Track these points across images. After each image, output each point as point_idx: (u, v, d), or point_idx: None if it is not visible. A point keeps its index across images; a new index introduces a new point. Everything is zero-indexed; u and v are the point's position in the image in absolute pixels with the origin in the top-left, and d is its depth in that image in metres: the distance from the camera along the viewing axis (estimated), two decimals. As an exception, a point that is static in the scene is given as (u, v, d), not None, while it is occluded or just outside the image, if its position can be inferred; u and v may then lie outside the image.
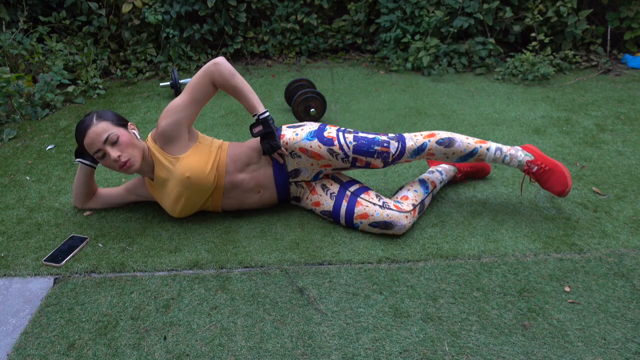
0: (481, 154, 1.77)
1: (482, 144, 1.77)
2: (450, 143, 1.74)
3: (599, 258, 1.61)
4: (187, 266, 1.63)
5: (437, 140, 1.75)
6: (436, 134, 1.77)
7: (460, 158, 1.77)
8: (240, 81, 1.72)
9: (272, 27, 4.04)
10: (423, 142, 1.75)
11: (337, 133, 1.76)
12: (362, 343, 1.32)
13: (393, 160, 1.76)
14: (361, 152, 1.73)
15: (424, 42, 3.64)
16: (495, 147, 1.77)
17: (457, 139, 1.75)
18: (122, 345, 1.33)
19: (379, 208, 1.71)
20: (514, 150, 1.78)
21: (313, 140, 1.74)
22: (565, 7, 3.49)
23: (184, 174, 1.69)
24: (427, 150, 1.75)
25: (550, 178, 1.71)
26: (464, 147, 1.75)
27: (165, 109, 1.72)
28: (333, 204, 1.78)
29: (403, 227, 1.71)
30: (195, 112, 1.74)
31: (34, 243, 1.78)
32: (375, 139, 1.74)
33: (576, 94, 3.12)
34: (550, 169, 1.72)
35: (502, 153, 1.77)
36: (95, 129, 1.64)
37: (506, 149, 1.78)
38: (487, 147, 1.77)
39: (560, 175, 1.70)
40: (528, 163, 1.75)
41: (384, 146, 1.73)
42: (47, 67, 3.36)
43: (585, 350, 1.27)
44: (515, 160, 1.77)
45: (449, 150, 1.75)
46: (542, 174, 1.73)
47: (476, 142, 1.77)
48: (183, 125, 1.72)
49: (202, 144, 1.77)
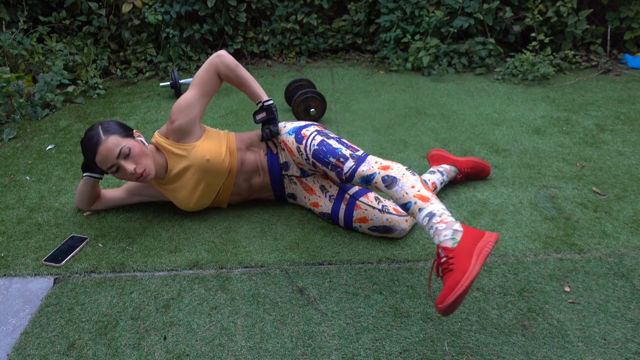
0: (413, 212, 1.46)
1: (419, 200, 1.44)
2: (391, 184, 1.50)
3: (599, 258, 1.61)
4: (187, 266, 1.63)
5: (383, 176, 1.53)
6: (390, 167, 1.54)
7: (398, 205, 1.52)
8: (243, 71, 1.77)
9: (272, 27, 4.04)
10: (373, 173, 1.55)
11: (311, 132, 1.74)
12: (362, 343, 1.32)
13: (346, 179, 1.62)
14: (318, 159, 1.67)
15: (424, 42, 3.64)
16: (427, 213, 1.40)
17: (399, 184, 1.49)
18: (122, 345, 1.33)
19: (378, 212, 1.70)
20: (445, 225, 1.35)
21: (291, 135, 1.77)
22: (565, 7, 3.49)
23: (204, 156, 1.73)
24: (374, 182, 1.55)
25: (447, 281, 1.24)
26: (400, 196, 1.48)
27: (177, 105, 1.73)
28: (331, 207, 1.78)
29: (403, 231, 1.70)
30: (205, 104, 1.79)
31: (34, 243, 1.78)
32: (337, 151, 1.63)
33: (576, 94, 3.12)
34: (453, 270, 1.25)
35: (430, 222, 1.38)
36: (106, 145, 1.62)
37: (437, 220, 1.37)
38: (420, 207, 1.43)
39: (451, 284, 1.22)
40: (441, 247, 1.31)
41: (339, 160, 1.62)
42: (47, 67, 3.36)
43: (585, 350, 1.27)
44: (436, 238, 1.36)
45: (388, 191, 1.51)
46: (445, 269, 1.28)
47: (414, 196, 1.45)
48: (196, 118, 1.76)
49: (211, 132, 1.82)
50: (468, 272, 1.22)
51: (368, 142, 2.52)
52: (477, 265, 1.23)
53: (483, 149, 2.40)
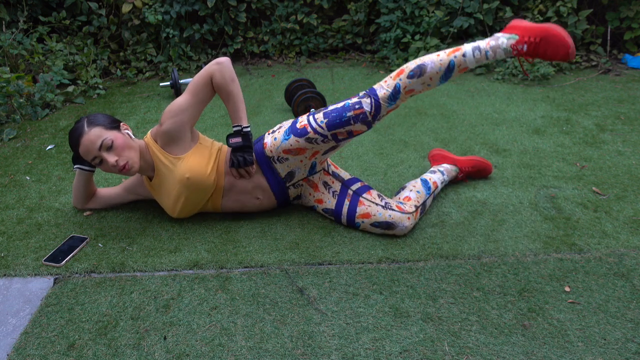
0: (460, 64, 1.57)
1: (455, 52, 1.58)
2: (422, 70, 1.58)
3: (599, 258, 1.61)
4: (187, 266, 1.63)
5: (407, 74, 1.60)
6: (405, 68, 1.61)
7: (441, 79, 1.60)
8: (236, 88, 1.72)
9: (272, 27, 4.04)
10: (395, 84, 1.60)
11: (307, 119, 1.71)
12: (362, 343, 1.32)
13: (373, 118, 1.64)
14: (336, 125, 1.65)
15: (424, 42, 3.64)
16: (472, 48, 1.56)
17: (427, 62, 1.59)
18: (122, 345, 1.33)
19: (381, 208, 1.71)
20: (494, 40, 1.55)
21: (290, 137, 1.71)
22: (565, 7, 3.49)
23: (183, 174, 1.69)
24: (403, 90, 1.61)
25: (548, 47, 1.45)
26: (438, 67, 1.57)
27: (168, 109, 1.70)
28: (335, 202, 1.78)
29: (405, 229, 1.71)
30: (198, 111, 1.73)
31: (34, 243, 1.78)
32: (345, 105, 1.65)
33: (576, 94, 3.12)
34: (542, 38, 1.46)
35: (482, 50, 1.55)
36: (88, 137, 1.62)
37: (484, 44, 1.55)
38: (462, 53, 1.57)
39: (556, 38, 1.44)
40: (514, 46, 1.50)
41: (356, 109, 1.63)
42: (47, 67, 3.36)
43: (585, 350, 1.27)
44: (499, 50, 1.54)
45: (425, 77, 1.59)
46: (536, 48, 1.47)
47: (449, 54, 1.58)
48: (186, 124, 1.71)
49: (202, 145, 1.77)
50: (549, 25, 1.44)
51: (368, 142, 2.52)
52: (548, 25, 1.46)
53: (483, 149, 2.40)
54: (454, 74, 1.60)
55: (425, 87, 1.63)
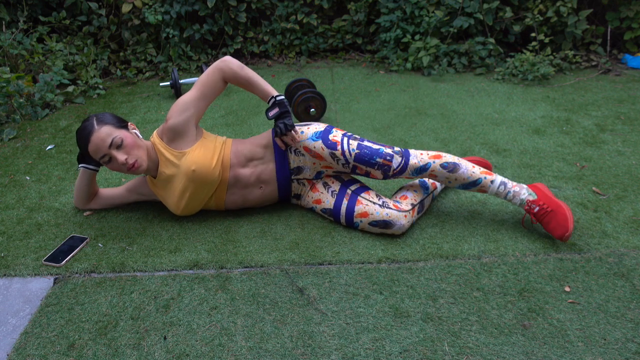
0: (484, 186, 1.73)
1: (487, 175, 1.73)
2: (455, 169, 1.71)
3: (599, 258, 1.61)
4: (187, 266, 1.63)
5: (441, 163, 1.71)
6: (442, 156, 1.73)
7: (462, 185, 1.74)
8: (250, 72, 1.78)
9: (272, 27, 4.04)
10: (427, 162, 1.72)
11: (342, 138, 1.75)
12: (362, 343, 1.32)
13: (394, 175, 1.74)
14: (362, 162, 1.72)
15: (424, 42, 3.64)
16: (500, 182, 1.72)
17: (462, 166, 1.71)
18: (122, 345, 1.33)
19: (378, 207, 1.71)
20: (518, 187, 1.72)
21: (317, 141, 1.74)
22: (565, 7, 3.49)
23: (189, 167, 1.71)
24: (430, 171, 1.73)
25: (552, 220, 1.63)
26: (468, 175, 1.71)
27: (175, 105, 1.74)
28: (334, 202, 1.78)
29: (402, 227, 1.71)
30: (203, 107, 1.78)
31: (34, 243, 1.78)
32: (380, 151, 1.72)
33: (576, 94, 3.12)
34: (552, 210, 1.64)
35: (506, 189, 1.72)
36: (98, 134, 1.64)
37: (511, 185, 1.72)
38: (491, 180, 1.72)
39: (561, 218, 1.61)
40: (529, 203, 1.69)
41: (386, 159, 1.71)
42: (47, 67, 3.36)
43: (585, 350, 1.27)
44: (517, 199, 1.71)
45: (452, 175, 1.71)
46: (544, 215, 1.65)
47: (481, 173, 1.73)
48: (192, 120, 1.74)
49: (207, 140, 1.79)
50: (563, 205, 1.64)
51: (368, 142, 2.52)
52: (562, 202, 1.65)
53: (483, 149, 2.40)
54: (474, 189, 1.75)
55: (446, 182, 1.76)
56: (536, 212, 1.67)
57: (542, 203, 1.66)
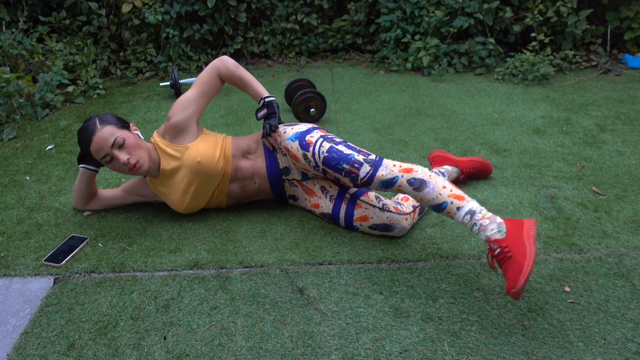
0: (450, 211, 1.48)
1: (455, 199, 1.48)
2: (421, 186, 1.51)
3: (599, 258, 1.61)
4: (187, 266, 1.63)
5: (409, 178, 1.53)
6: (413, 171, 1.54)
7: (429, 206, 1.53)
8: (244, 72, 1.80)
9: (272, 27, 4.04)
10: (395, 176, 1.55)
11: (317, 139, 1.70)
12: (362, 343, 1.32)
13: (362, 184, 1.61)
14: (329, 166, 1.65)
15: (424, 42, 3.64)
16: (467, 210, 1.45)
17: (429, 184, 1.50)
18: (122, 345, 1.33)
19: (378, 210, 1.71)
20: (488, 220, 1.42)
21: (295, 141, 1.73)
22: (565, 7, 3.49)
23: (194, 159, 1.72)
24: (397, 186, 1.55)
25: (508, 269, 1.32)
26: (433, 197, 1.49)
27: (176, 103, 1.77)
28: (332, 207, 1.78)
29: (403, 230, 1.70)
30: (203, 104, 1.81)
31: (34, 243, 1.78)
32: (349, 157, 1.61)
33: (576, 94, 3.12)
34: (513, 256, 1.32)
35: (472, 219, 1.44)
36: (101, 134, 1.65)
37: (479, 217, 1.43)
38: (458, 206, 1.46)
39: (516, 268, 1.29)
40: (492, 242, 1.38)
41: (353, 166, 1.60)
42: (47, 67, 3.36)
43: (585, 350, 1.27)
44: (482, 234, 1.42)
45: (418, 193, 1.52)
46: (502, 259, 1.35)
47: (449, 196, 1.48)
48: (193, 117, 1.77)
49: (207, 135, 1.82)
50: (527, 253, 1.30)
51: (368, 142, 2.52)
52: (532, 247, 1.31)
53: (483, 149, 2.40)
54: (442, 213, 1.52)
55: (414, 199, 1.68)
56: (497, 254, 1.37)
57: (505, 245, 1.36)
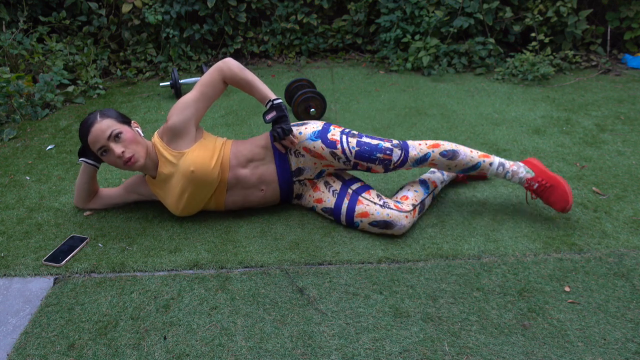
0: (483, 168, 1.79)
1: (485, 158, 1.79)
2: (454, 155, 1.76)
3: (599, 258, 1.61)
4: (187, 266, 1.63)
5: (440, 151, 1.76)
6: (441, 144, 1.77)
7: (462, 170, 1.80)
8: (249, 74, 1.77)
9: (272, 27, 4.04)
10: (426, 152, 1.76)
11: (340, 136, 1.75)
12: (362, 343, 1.32)
13: (394, 168, 1.77)
14: (363, 158, 1.74)
15: (424, 42, 3.64)
16: (498, 163, 1.79)
17: (460, 152, 1.77)
18: (122, 345, 1.33)
19: (379, 207, 1.71)
20: (516, 166, 1.79)
21: (317, 141, 1.74)
22: (565, 7, 3.49)
23: (188, 168, 1.70)
24: (430, 161, 1.77)
25: (552, 195, 1.72)
26: (467, 161, 1.77)
27: (175, 105, 1.75)
28: (335, 201, 1.78)
29: (403, 227, 1.71)
30: (204, 107, 1.78)
31: (34, 243, 1.78)
32: (379, 146, 1.74)
33: (576, 94, 3.12)
34: (551, 185, 1.72)
35: (505, 169, 1.79)
36: (99, 126, 1.66)
37: (509, 165, 1.79)
38: (490, 162, 1.79)
39: (561, 192, 1.70)
40: (528, 180, 1.76)
41: (386, 154, 1.74)
42: (47, 67, 3.36)
43: (585, 350, 1.27)
44: (516, 177, 1.79)
45: (452, 162, 1.77)
46: (543, 191, 1.73)
47: (480, 156, 1.79)
48: (192, 119, 1.75)
49: (206, 140, 1.79)
50: (560, 178, 1.72)
51: (368, 142, 2.52)
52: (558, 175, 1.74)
53: (483, 149, 2.40)
54: (473, 173, 1.83)
55: (447, 170, 1.82)
56: (536, 188, 1.75)
57: (541, 179, 1.74)
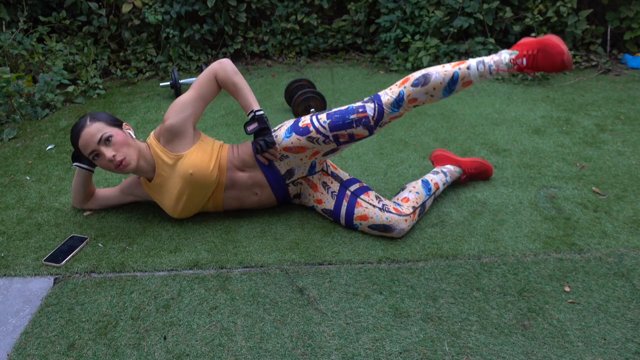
0: (464, 76, 1.61)
1: (460, 65, 1.62)
2: (426, 80, 1.61)
3: (599, 258, 1.61)
4: (187, 266, 1.63)
5: (411, 82, 1.63)
6: (410, 77, 1.65)
7: (444, 90, 1.63)
8: (240, 80, 1.75)
9: (272, 27, 4.04)
10: (399, 91, 1.64)
11: (310, 119, 1.74)
12: (362, 343, 1.32)
13: (375, 123, 1.67)
14: (338, 127, 1.68)
15: (424, 42, 3.64)
16: (477, 62, 1.60)
17: (432, 72, 1.62)
18: (122, 345, 1.33)
19: (378, 211, 1.71)
20: (497, 55, 1.60)
21: (291, 135, 1.73)
22: (565, 7, 3.49)
23: (187, 170, 1.70)
24: (407, 98, 1.64)
25: (545, 58, 1.50)
26: (442, 77, 1.61)
27: (172, 105, 1.73)
28: (334, 203, 1.78)
29: (402, 231, 1.70)
30: (201, 108, 1.77)
31: (34, 243, 1.78)
32: (349, 108, 1.69)
33: (576, 94, 3.12)
34: (539, 50, 1.51)
35: (486, 64, 1.60)
36: (89, 130, 1.64)
37: (489, 59, 1.60)
38: (467, 66, 1.61)
39: (551, 47, 1.49)
40: (513, 61, 1.56)
41: (359, 112, 1.66)
42: (47, 67, 3.36)
43: (585, 350, 1.27)
44: (502, 65, 1.59)
45: (428, 87, 1.62)
46: (534, 61, 1.52)
47: (454, 67, 1.62)
48: (190, 119, 1.74)
49: (204, 142, 1.78)
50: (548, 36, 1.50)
51: (368, 142, 2.52)
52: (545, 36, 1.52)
53: (483, 149, 2.40)
54: (457, 87, 1.63)
55: (429, 98, 1.66)
56: (526, 64, 1.56)
57: (526, 51, 1.55)
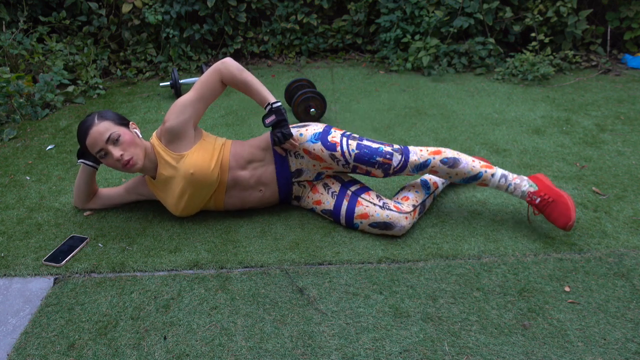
0: (485, 179, 1.73)
1: (487, 168, 1.73)
2: (455, 164, 1.71)
3: (599, 258, 1.61)
4: (187, 266, 1.63)
5: (441, 159, 1.72)
6: (442, 151, 1.73)
7: (463, 179, 1.74)
8: (249, 76, 1.75)
9: (272, 27, 4.04)
10: (427, 159, 1.72)
11: (340, 138, 1.75)
12: (362, 343, 1.32)
13: (394, 173, 1.74)
14: (362, 162, 1.73)
15: (424, 42, 3.64)
16: (501, 174, 1.73)
17: (462, 161, 1.72)
18: (122, 345, 1.33)
19: (379, 208, 1.71)
20: (519, 179, 1.73)
21: (317, 143, 1.74)
22: (565, 7, 3.49)
23: (187, 170, 1.70)
24: (430, 167, 1.73)
25: (554, 211, 1.63)
26: (469, 170, 1.72)
27: (173, 106, 1.73)
28: (334, 203, 1.78)
29: (402, 229, 1.71)
30: (202, 108, 1.76)
31: (34, 243, 1.78)
32: (379, 150, 1.72)
33: (576, 94, 3.12)
34: (553, 200, 1.64)
35: (507, 181, 1.72)
36: (97, 129, 1.65)
37: (511, 178, 1.73)
38: (492, 173, 1.73)
39: (563, 207, 1.61)
40: (530, 194, 1.69)
41: (386, 158, 1.71)
42: (47, 67, 3.36)
43: (585, 350, 1.27)
44: (518, 191, 1.72)
45: (453, 170, 1.72)
46: (545, 206, 1.65)
47: (482, 167, 1.73)
48: (190, 121, 1.73)
49: (206, 142, 1.78)
50: (564, 194, 1.64)
51: (368, 142, 2.52)
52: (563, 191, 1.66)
53: (483, 149, 2.40)
54: (474, 183, 1.76)
55: (447, 177, 1.76)
56: (537, 203, 1.67)
57: (544, 194, 1.66)
